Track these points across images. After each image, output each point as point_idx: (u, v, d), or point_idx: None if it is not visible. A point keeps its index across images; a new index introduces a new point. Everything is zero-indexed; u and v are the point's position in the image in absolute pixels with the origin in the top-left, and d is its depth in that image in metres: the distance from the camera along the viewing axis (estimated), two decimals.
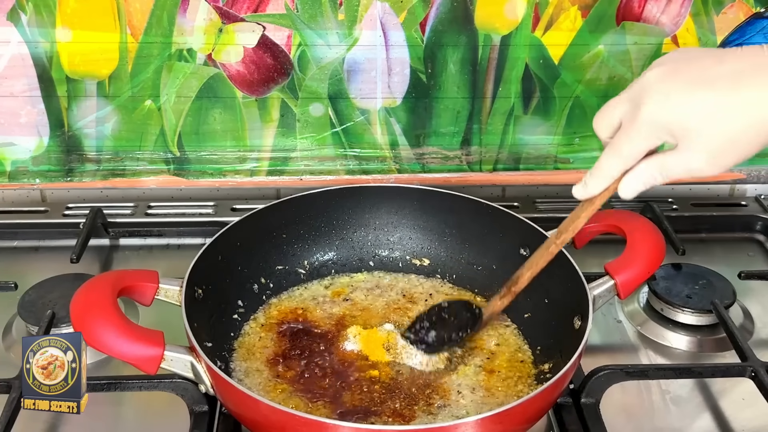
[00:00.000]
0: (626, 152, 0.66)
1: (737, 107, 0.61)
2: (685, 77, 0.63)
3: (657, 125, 0.63)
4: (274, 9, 1.00)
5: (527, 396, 0.68)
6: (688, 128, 0.62)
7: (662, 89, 0.63)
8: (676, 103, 0.62)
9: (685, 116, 0.62)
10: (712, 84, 0.61)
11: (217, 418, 0.78)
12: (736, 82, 0.61)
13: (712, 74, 0.62)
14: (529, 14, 1.02)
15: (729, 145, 0.62)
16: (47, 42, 1.00)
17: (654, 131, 0.64)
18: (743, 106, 0.61)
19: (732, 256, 1.08)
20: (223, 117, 1.07)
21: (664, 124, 0.63)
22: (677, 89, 0.62)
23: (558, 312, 0.85)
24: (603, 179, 0.69)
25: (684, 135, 0.62)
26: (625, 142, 0.66)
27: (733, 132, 0.61)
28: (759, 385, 0.80)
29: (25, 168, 1.09)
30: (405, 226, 1.01)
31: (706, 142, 0.62)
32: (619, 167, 0.67)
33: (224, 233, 0.88)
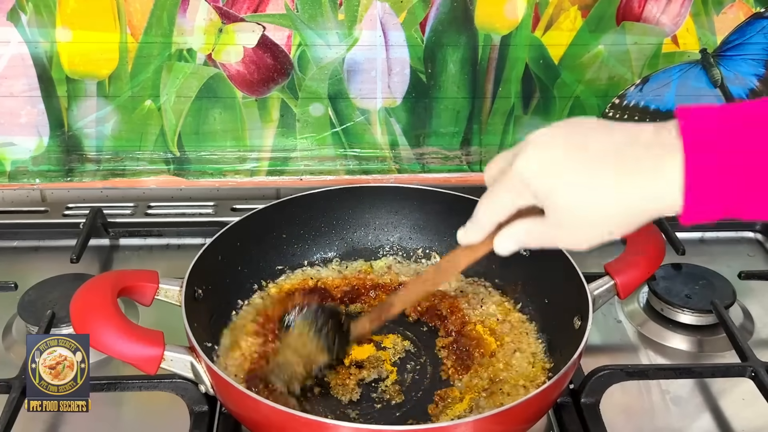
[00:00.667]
0: (496, 203, 0.63)
1: (605, 187, 0.56)
2: (564, 142, 0.59)
3: (522, 182, 0.60)
4: (274, 9, 1.00)
5: (527, 396, 0.68)
6: (549, 194, 0.58)
7: (537, 148, 0.59)
8: (543, 165, 0.59)
9: (549, 182, 0.58)
10: (587, 156, 0.57)
11: (217, 418, 0.78)
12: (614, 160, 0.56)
13: (593, 145, 0.57)
14: (529, 14, 1.02)
15: (589, 223, 0.59)
16: (47, 42, 1.00)
17: (518, 187, 0.60)
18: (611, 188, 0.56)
19: (732, 256, 1.08)
20: (223, 117, 1.07)
21: (528, 184, 0.59)
22: (550, 152, 0.59)
23: (558, 312, 0.85)
24: (479, 228, 0.66)
25: (545, 201, 0.59)
26: (495, 193, 0.63)
27: (594, 211, 0.57)
28: (759, 385, 0.80)
29: (25, 168, 1.09)
30: (405, 226, 1.01)
31: (566, 215, 0.59)
32: (491, 218, 0.64)
33: (224, 233, 0.88)
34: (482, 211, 0.65)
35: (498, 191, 0.62)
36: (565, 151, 0.58)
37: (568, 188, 0.58)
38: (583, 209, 0.58)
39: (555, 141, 0.59)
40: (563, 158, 0.58)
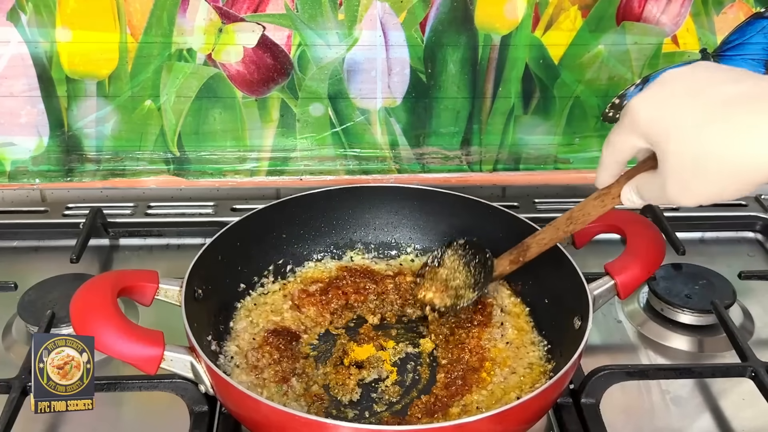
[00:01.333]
0: (613, 144, 0.63)
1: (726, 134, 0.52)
2: (684, 85, 0.55)
3: (637, 123, 0.57)
4: (274, 9, 1.00)
5: (527, 396, 0.68)
6: (659, 138, 0.56)
7: (657, 88, 0.57)
8: (655, 105, 0.56)
9: (660, 124, 0.55)
10: (706, 101, 0.53)
11: (217, 418, 0.78)
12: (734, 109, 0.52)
13: (714, 92, 0.53)
14: (529, 14, 1.02)
15: (701, 174, 0.54)
16: (47, 42, 1.00)
17: (633, 128, 0.58)
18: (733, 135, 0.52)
19: (732, 256, 1.08)
20: (223, 117, 1.07)
21: (643, 125, 0.57)
22: (669, 93, 0.56)
23: (558, 312, 0.85)
24: (603, 169, 0.66)
25: (656, 146, 0.56)
26: (612, 133, 0.63)
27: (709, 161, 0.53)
28: (759, 385, 0.80)
29: (25, 168, 1.09)
30: (405, 226, 1.01)
31: (676, 162, 0.55)
32: (611, 158, 0.64)
33: (224, 233, 0.88)
34: (604, 151, 0.65)
35: (615, 131, 0.62)
36: (682, 91, 0.55)
37: (679, 132, 0.54)
38: (687, 155, 0.53)
39: (674, 84, 0.56)
40: (678, 98, 0.54)
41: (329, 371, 0.82)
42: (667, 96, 0.56)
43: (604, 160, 0.66)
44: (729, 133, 0.52)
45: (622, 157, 0.63)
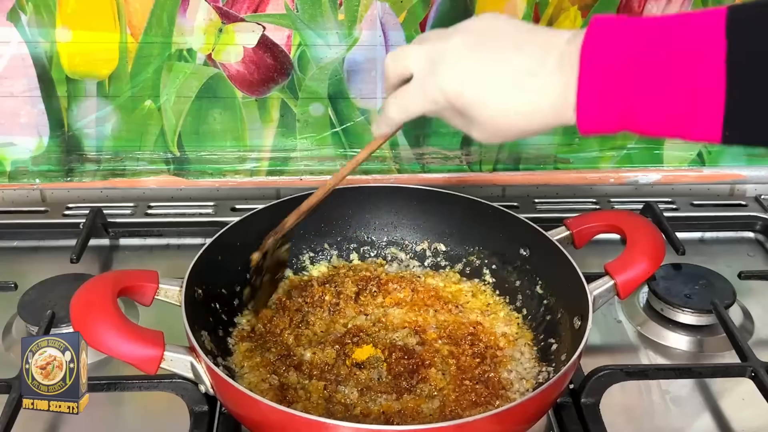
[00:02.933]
0: (411, 109, 0.68)
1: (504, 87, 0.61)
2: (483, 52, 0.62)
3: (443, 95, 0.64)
4: (274, 9, 1.00)
5: (527, 396, 0.68)
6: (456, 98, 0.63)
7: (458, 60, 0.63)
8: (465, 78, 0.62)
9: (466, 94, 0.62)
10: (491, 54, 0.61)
11: (217, 418, 0.78)
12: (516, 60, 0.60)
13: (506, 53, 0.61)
14: (529, 14, 1.02)
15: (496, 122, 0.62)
16: (47, 42, 1.00)
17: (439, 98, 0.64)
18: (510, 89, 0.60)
19: (732, 256, 1.08)
20: (223, 117, 1.07)
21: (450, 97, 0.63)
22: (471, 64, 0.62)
23: (558, 312, 0.85)
24: (388, 126, 0.72)
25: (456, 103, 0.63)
26: (412, 100, 0.67)
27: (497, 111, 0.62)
28: (759, 385, 0.80)
29: (25, 168, 1.09)
30: (405, 226, 1.01)
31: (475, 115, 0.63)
32: (402, 118, 0.70)
33: (224, 233, 0.88)
34: (395, 112, 0.69)
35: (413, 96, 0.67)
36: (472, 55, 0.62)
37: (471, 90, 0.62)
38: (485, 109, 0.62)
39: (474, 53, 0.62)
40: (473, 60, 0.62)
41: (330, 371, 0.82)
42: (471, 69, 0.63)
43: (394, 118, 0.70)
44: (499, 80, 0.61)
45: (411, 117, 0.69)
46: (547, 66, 0.59)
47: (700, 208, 1.15)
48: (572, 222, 0.91)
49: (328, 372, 0.81)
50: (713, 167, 1.16)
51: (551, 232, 0.89)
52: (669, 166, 1.15)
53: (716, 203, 1.17)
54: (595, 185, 1.17)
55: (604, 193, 1.18)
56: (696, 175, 1.16)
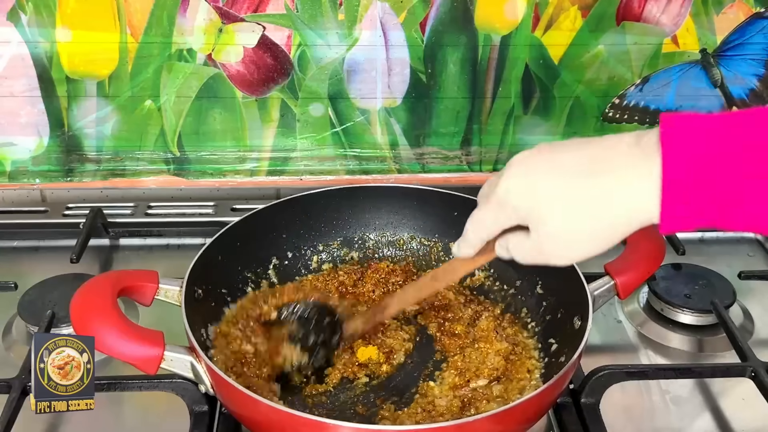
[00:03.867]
0: (480, 222, 0.66)
1: (579, 200, 0.57)
2: (541, 161, 0.60)
3: (502, 203, 0.62)
4: (274, 9, 1.00)
5: (527, 396, 0.68)
6: (528, 214, 0.60)
7: (515, 169, 0.61)
8: (520, 186, 0.60)
9: (527, 201, 0.60)
10: (561, 171, 0.58)
11: (217, 418, 0.78)
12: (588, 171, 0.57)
13: (569, 160, 0.58)
14: (529, 14, 1.02)
15: (568, 239, 0.59)
16: (47, 42, 1.00)
17: (504, 211, 0.62)
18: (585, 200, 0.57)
19: (732, 256, 1.08)
20: (223, 117, 1.07)
21: (507, 204, 0.61)
22: (527, 172, 0.60)
23: (558, 312, 0.85)
24: (469, 245, 0.69)
25: (526, 220, 0.61)
26: (480, 213, 0.65)
27: (571, 227, 0.58)
28: (759, 385, 0.80)
29: (25, 168, 1.09)
30: (405, 226, 1.01)
31: (545, 232, 0.60)
32: (478, 236, 0.67)
33: (224, 233, 0.88)
34: (470, 229, 0.67)
35: (483, 211, 0.65)
36: (541, 170, 0.59)
37: (544, 206, 0.59)
38: (559, 225, 0.59)
39: (532, 161, 0.61)
40: (539, 177, 0.59)
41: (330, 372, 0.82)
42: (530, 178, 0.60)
43: (470, 236, 0.68)
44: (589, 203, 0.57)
45: (489, 235, 0.66)
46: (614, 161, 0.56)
47: None
48: None
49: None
50: None
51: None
52: None
53: None
54: None
55: None
56: None
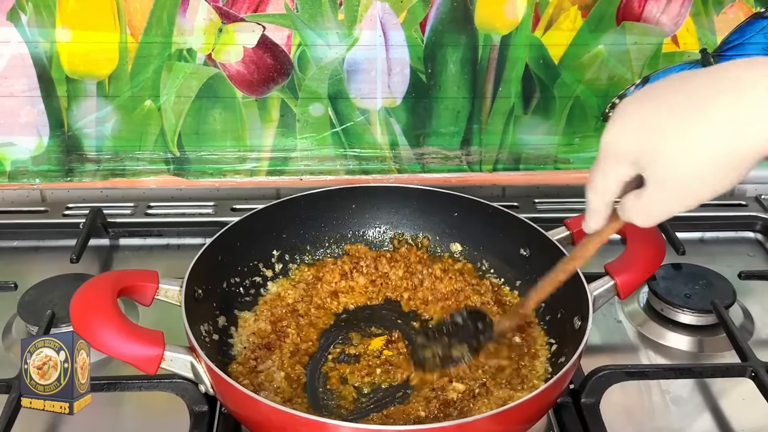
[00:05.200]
0: (598, 186, 0.62)
1: (701, 133, 0.54)
2: (645, 102, 0.57)
3: (614, 156, 0.58)
4: (274, 9, 1.00)
5: (527, 396, 0.68)
6: (643, 158, 0.57)
7: (623, 117, 0.58)
8: (634, 130, 0.57)
9: (639, 145, 0.56)
10: (671, 107, 0.55)
11: (217, 418, 0.78)
12: (700, 100, 0.54)
13: (676, 95, 0.55)
14: (529, 14, 1.02)
15: (691, 178, 0.55)
16: (47, 42, 1.00)
17: (617, 161, 0.59)
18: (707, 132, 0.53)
19: (732, 256, 1.08)
20: (223, 117, 1.07)
21: (619, 155, 0.58)
22: (637, 116, 0.57)
23: (558, 312, 0.85)
24: (596, 214, 0.65)
25: (643, 166, 0.57)
26: (594, 176, 0.62)
27: (699, 163, 0.54)
28: (759, 385, 0.80)
29: (25, 168, 1.09)
30: (405, 226, 1.01)
31: (666, 174, 0.56)
32: (602, 201, 0.63)
33: (224, 233, 0.88)
34: (591, 197, 0.64)
35: (596, 173, 0.61)
36: (647, 110, 0.56)
37: (660, 145, 0.55)
38: (681, 163, 0.55)
39: (635, 103, 0.57)
40: (647, 117, 0.56)
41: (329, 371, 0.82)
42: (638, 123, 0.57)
43: (594, 205, 0.64)
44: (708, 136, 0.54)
45: (611, 197, 0.62)
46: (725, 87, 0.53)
47: (700, 207, 1.12)
48: (572, 222, 0.91)
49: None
50: None
51: (551, 232, 0.89)
52: None
53: (716, 203, 1.16)
54: None
55: None
56: None
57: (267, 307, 0.91)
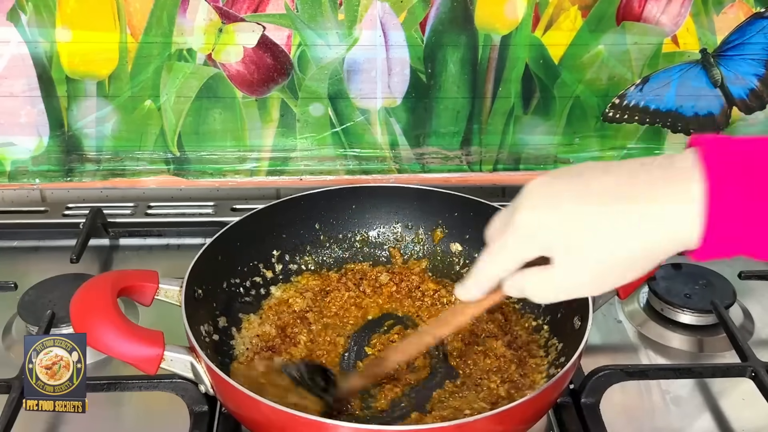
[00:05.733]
0: (499, 262, 0.60)
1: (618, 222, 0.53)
2: (562, 188, 0.56)
3: (527, 237, 0.57)
4: (274, 9, 1.00)
5: (527, 396, 0.68)
6: (557, 244, 0.56)
7: (536, 199, 0.57)
8: (546, 215, 0.56)
9: (555, 231, 0.55)
10: (594, 194, 0.54)
11: (217, 418, 0.78)
12: (626, 190, 0.53)
13: (599, 182, 0.55)
14: (529, 14, 1.02)
15: (601, 268, 0.55)
16: (47, 42, 1.00)
17: (524, 242, 0.57)
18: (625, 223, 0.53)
19: None
20: (223, 117, 1.07)
21: (534, 237, 0.56)
22: (550, 201, 0.56)
23: (558, 312, 0.85)
24: (480, 284, 0.63)
25: (553, 252, 0.56)
26: (499, 251, 0.59)
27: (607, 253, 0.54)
28: (759, 385, 0.80)
29: (25, 168, 1.09)
30: (405, 226, 1.01)
31: (575, 262, 0.56)
32: (494, 274, 0.61)
33: (224, 233, 0.88)
34: (484, 269, 0.61)
35: (502, 248, 0.59)
36: (567, 197, 0.55)
37: (574, 235, 0.55)
38: (594, 252, 0.55)
39: (553, 187, 0.57)
40: (566, 204, 0.55)
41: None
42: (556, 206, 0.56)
43: (483, 278, 0.62)
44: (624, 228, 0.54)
45: (505, 274, 0.60)
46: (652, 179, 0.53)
47: None
48: None
49: None
50: None
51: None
52: None
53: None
54: None
55: None
56: None
57: (273, 312, 0.90)
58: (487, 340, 0.86)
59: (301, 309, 0.90)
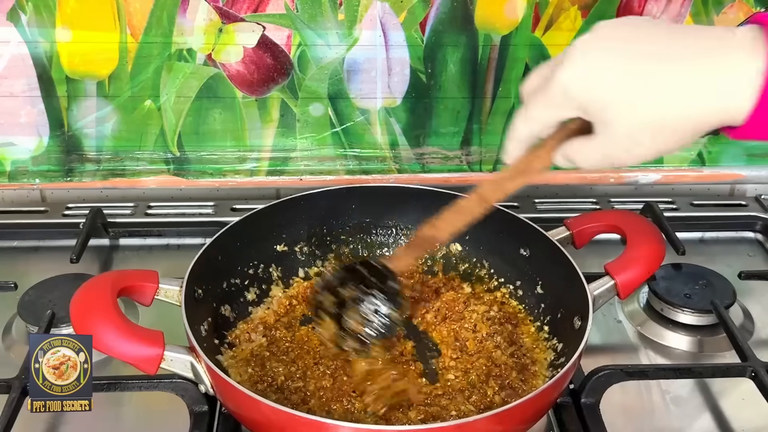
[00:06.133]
0: (535, 117, 0.58)
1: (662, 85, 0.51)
2: (608, 45, 0.53)
3: (569, 97, 0.55)
4: (274, 9, 1.00)
5: (527, 396, 0.68)
6: (600, 107, 0.53)
7: (583, 57, 0.54)
8: (591, 75, 0.53)
9: (600, 93, 0.53)
10: (635, 54, 0.52)
11: (217, 418, 0.78)
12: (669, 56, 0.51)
13: (642, 50, 0.52)
14: (529, 14, 1.02)
15: (646, 134, 0.53)
16: (47, 42, 1.00)
17: (564, 102, 0.55)
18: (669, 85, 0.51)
19: (732, 256, 1.08)
20: (223, 117, 1.07)
21: (574, 97, 0.54)
22: (599, 61, 0.53)
23: (558, 312, 0.85)
24: (516, 143, 0.62)
25: (596, 115, 0.54)
26: (534, 107, 0.58)
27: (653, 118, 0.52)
28: (759, 385, 0.80)
29: (25, 168, 1.09)
30: (405, 227, 1.01)
31: (623, 127, 0.53)
32: (528, 132, 0.60)
33: (224, 233, 0.88)
34: (520, 126, 0.60)
35: (537, 106, 0.57)
36: (610, 55, 0.53)
37: (615, 96, 0.52)
38: (640, 118, 0.52)
39: (596, 44, 0.54)
40: (608, 62, 0.52)
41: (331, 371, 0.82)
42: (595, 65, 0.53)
43: (521, 133, 0.60)
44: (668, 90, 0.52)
45: (543, 132, 0.60)
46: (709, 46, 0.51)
47: (700, 208, 1.15)
48: (572, 222, 0.91)
49: None
50: (713, 167, 1.16)
51: (551, 232, 0.89)
52: (669, 166, 1.15)
53: (716, 203, 1.17)
54: (595, 185, 1.17)
55: (604, 193, 1.18)
56: (696, 175, 1.16)
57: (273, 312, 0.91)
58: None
59: (305, 313, 0.90)
